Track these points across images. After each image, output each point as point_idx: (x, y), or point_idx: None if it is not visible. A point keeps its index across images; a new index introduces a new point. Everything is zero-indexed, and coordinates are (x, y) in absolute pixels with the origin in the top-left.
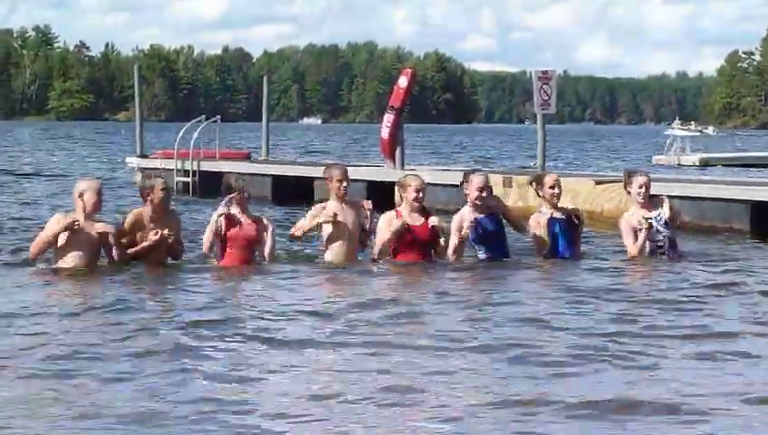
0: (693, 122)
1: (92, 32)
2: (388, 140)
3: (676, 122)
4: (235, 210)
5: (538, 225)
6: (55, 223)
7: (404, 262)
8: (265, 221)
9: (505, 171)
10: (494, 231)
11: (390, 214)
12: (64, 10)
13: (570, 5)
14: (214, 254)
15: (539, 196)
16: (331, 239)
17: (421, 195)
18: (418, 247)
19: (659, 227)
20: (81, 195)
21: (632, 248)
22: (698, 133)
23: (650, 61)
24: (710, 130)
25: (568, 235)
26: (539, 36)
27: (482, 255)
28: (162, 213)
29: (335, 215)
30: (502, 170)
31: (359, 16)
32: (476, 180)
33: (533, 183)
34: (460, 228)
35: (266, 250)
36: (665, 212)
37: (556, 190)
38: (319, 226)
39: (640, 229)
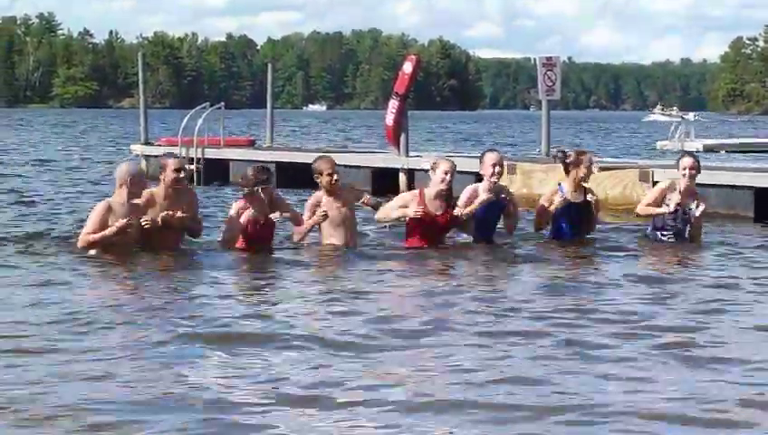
0: (674, 108)
1: (96, 19)
2: (393, 126)
3: (657, 108)
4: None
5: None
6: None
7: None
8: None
9: (509, 158)
10: (493, 218)
11: (410, 194)
12: None
13: None
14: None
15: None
16: (326, 231)
17: (449, 177)
18: (432, 234)
19: (682, 217)
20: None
21: (643, 207)
22: (679, 119)
23: (655, 47)
24: (690, 115)
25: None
26: (544, 23)
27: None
28: (175, 192)
29: (325, 214)
30: (506, 157)
31: (364, 4)
32: (490, 157)
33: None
34: (470, 203)
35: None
36: (697, 210)
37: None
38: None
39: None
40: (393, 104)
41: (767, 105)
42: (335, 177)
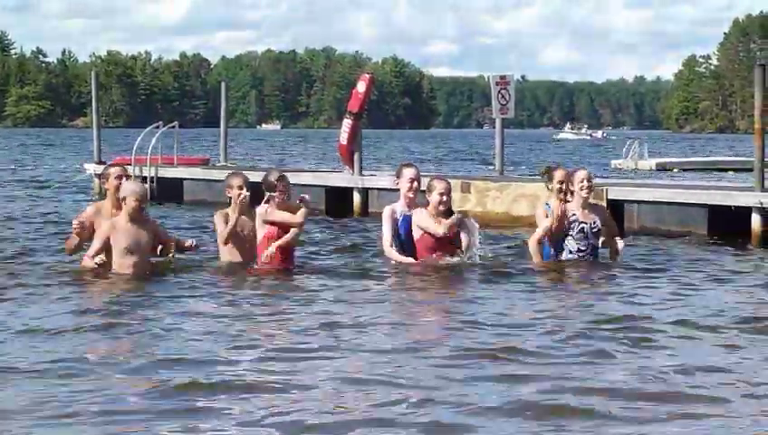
0: (585, 126)
1: (52, 37)
2: (347, 145)
3: (567, 126)
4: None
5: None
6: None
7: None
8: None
9: (464, 176)
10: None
11: (421, 212)
12: (23, 15)
13: (533, 10)
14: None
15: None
16: (227, 244)
17: (446, 198)
18: (435, 251)
19: (590, 235)
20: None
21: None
22: (588, 137)
23: (611, 65)
24: (599, 133)
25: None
26: (501, 41)
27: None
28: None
29: (230, 235)
30: (461, 176)
31: (322, 22)
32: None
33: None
34: (393, 221)
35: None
36: (600, 222)
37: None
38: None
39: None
40: (347, 123)
41: (720, 123)
42: (244, 190)
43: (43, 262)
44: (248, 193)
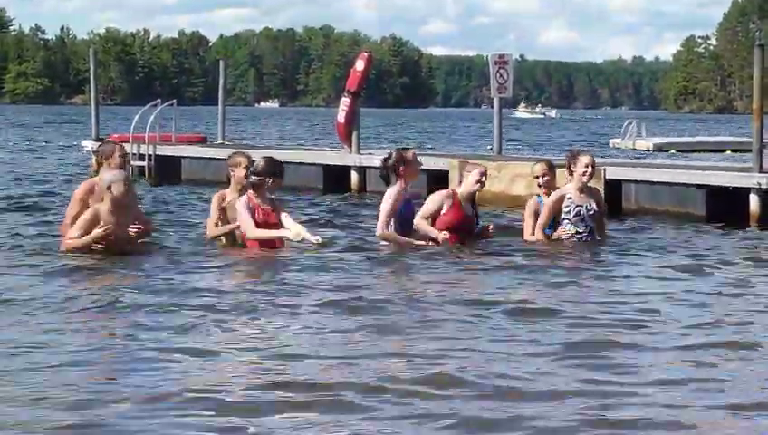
0: (539, 105)
1: (50, 15)
2: (345, 123)
3: (522, 105)
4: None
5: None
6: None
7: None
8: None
9: (463, 156)
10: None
11: (444, 195)
12: None
13: None
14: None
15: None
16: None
17: (484, 178)
18: (465, 234)
19: (586, 217)
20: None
21: (538, 232)
22: (542, 116)
23: (611, 45)
24: (553, 112)
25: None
26: (500, 20)
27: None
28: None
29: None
30: (458, 155)
31: (321, 1)
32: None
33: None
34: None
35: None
36: (595, 205)
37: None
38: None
39: (563, 222)
40: (345, 102)
41: (718, 104)
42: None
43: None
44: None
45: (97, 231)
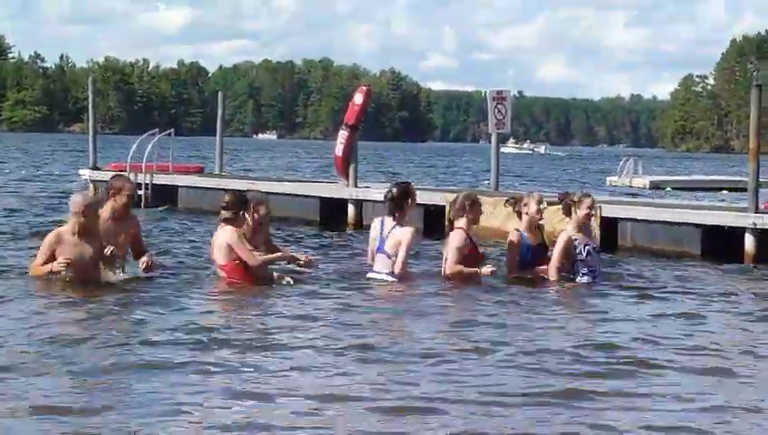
0: (527, 141)
1: (50, 43)
2: (342, 157)
3: (511, 141)
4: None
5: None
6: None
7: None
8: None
9: (460, 190)
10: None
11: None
12: (22, 20)
13: (532, 26)
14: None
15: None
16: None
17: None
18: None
19: (593, 253)
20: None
21: (554, 272)
22: (530, 152)
23: (609, 82)
24: (542, 148)
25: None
26: (500, 57)
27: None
28: (123, 216)
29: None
30: (456, 190)
31: (322, 33)
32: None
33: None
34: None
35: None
36: (597, 239)
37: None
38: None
39: (581, 257)
40: (343, 135)
41: (715, 143)
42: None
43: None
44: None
45: (57, 263)
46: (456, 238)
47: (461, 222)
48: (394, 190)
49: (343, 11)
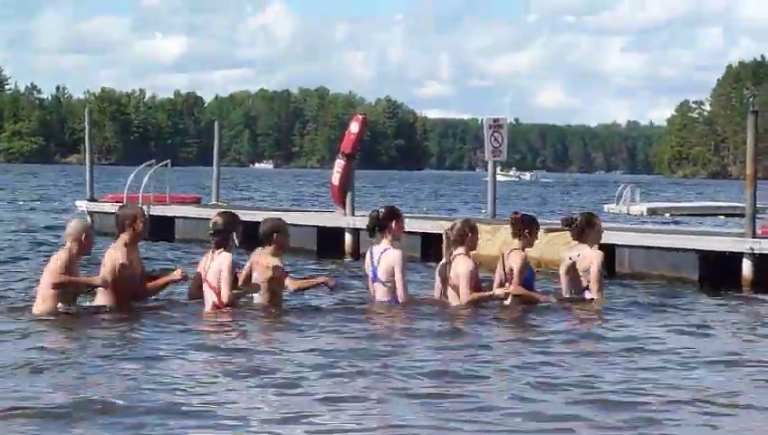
0: (513, 168)
1: (47, 74)
2: (339, 185)
3: (497, 168)
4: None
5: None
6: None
7: None
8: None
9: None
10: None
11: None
12: (18, 51)
13: (529, 52)
14: None
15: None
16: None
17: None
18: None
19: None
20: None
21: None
22: (517, 179)
23: (605, 108)
24: (527, 175)
25: None
26: (496, 84)
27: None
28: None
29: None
30: (452, 218)
31: (318, 61)
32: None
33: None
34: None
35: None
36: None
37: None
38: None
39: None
40: (339, 163)
41: (712, 169)
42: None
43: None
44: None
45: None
46: (465, 265)
47: (461, 248)
48: (381, 211)
49: (339, 39)
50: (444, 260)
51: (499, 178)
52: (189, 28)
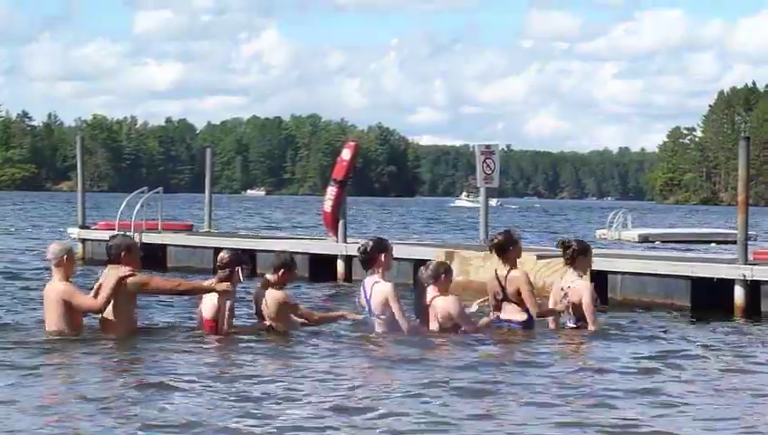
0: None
1: (38, 102)
2: (331, 212)
3: (464, 194)
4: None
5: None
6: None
7: None
8: None
9: (448, 245)
10: None
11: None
12: (10, 78)
13: (522, 79)
14: None
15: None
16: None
17: None
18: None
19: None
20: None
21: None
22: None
23: (597, 135)
24: (494, 202)
25: None
26: (488, 111)
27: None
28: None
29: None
30: (444, 245)
31: (310, 88)
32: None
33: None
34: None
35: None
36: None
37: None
38: None
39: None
40: (331, 191)
41: (704, 195)
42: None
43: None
44: None
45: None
46: (454, 304)
47: (438, 289)
48: (369, 243)
49: (332, 66)
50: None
51: (466, 204)
52: (182, 55)
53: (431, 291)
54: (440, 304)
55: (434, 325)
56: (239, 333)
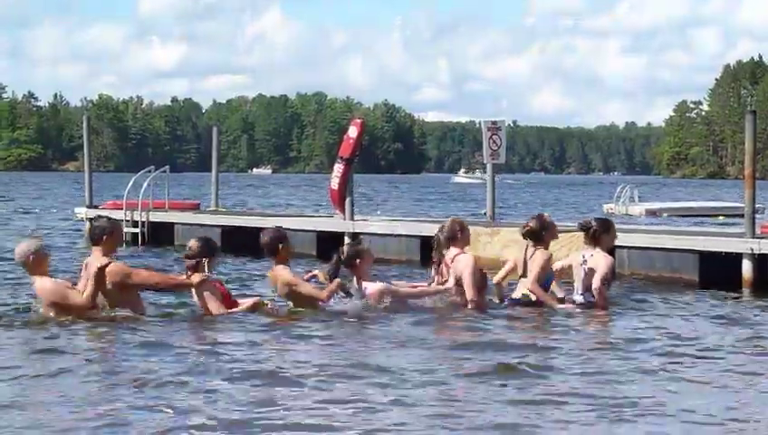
0: (478, 170)
1: (43, 82)
2: (338, 190)
3: (462, 170)
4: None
5: None
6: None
7: None
8: None
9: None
10: None
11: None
12: (16, 60)
13: (526, 56)
14: None
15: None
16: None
17: None
18: None
19: None
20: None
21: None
22: (482, 181)
23: (603, 110)
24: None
25: None
26: (494, 87)
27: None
28: None
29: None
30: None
31: (316, 67)
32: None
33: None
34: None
35: None
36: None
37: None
38: None
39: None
40: (338, 168)
41: (711, 169)
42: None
43: None
44: None
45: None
46: (467, 262)
47: (457, 247)
48: (344, 250)
49: (337, 44)
50: (435, 260)
51: (464, 180)
52: (187, 35)
53: (452, 250)
54: (462, 261)
55: (451, 281)
56: (231, 314)
